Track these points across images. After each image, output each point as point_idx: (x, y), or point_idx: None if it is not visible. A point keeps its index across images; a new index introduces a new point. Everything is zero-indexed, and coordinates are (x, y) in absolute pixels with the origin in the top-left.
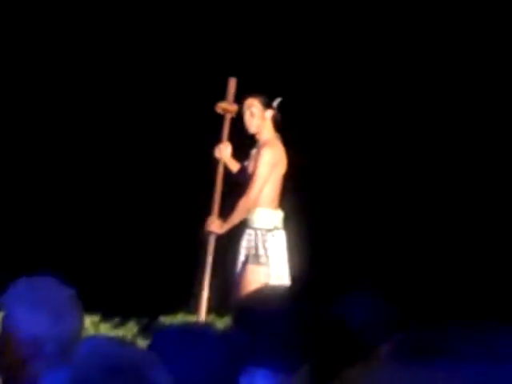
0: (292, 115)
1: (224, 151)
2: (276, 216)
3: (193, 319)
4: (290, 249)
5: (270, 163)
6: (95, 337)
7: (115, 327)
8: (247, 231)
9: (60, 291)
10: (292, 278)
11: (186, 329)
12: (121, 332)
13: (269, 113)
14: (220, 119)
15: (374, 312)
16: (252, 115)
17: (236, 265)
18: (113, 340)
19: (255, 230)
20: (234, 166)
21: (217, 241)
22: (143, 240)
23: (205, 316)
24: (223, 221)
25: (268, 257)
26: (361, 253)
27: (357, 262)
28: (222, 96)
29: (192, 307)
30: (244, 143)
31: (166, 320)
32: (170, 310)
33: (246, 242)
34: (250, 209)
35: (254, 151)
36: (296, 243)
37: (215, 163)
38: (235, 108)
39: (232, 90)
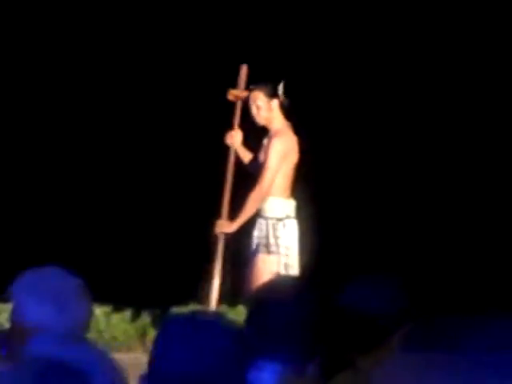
0: (303, 103)
1: (235, 137)
2: (288, 205)
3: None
4: (302, 238)
5: (281, 153)
6: (46, 335)
7: (127, 318)
8: (259, 220)
9: (66, 281)
10: (303, 267)
11: (196, 316)
12: (133, 323)
13: (275, 102)
14: (231, 107)
15: (388, 299)
16: (258, 108)
17: (248, 254)
18: (67, 339)
19: (266, 220)
20: (245, 154)
21: None
22: (156, 232)
23: (216, 306)
24: (233, 219)
25: (278, 246)
26: (371, 241)
27: (367, 251)
28: (233, 83)
29: (203, 298)
30: (256, 131)
31: (178, 311)
32: (182, 301)
33: (258, 232)
34: (261, 201)
35: (265, 141)
36: (307, 232)
37: (226, 151)
38: (246, 94)
39: (243, 77)
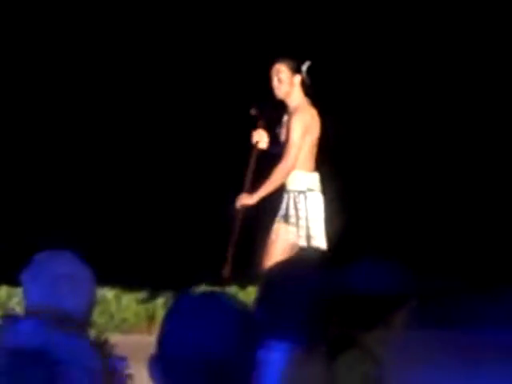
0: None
1: (262, 137)
2: (310, 178)
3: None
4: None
5: (302, 129)
6: (28, 322)
7: (138, 300)
8: (283, 194)
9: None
10: (329, 239)
11: (206, 296)
12: (144, 305)
13: (297, 78)
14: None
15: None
16: (280, 81)
17: (269, 229)
18: (50, 327)
19: (288, 193)
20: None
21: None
22: (170, 213)
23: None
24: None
25: (299, 218)
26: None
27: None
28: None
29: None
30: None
31: (189, 292)
32: (194, 284)
33: (283, 204)
34: (286, 176)
35: (285, 118)
36: (332, 205)
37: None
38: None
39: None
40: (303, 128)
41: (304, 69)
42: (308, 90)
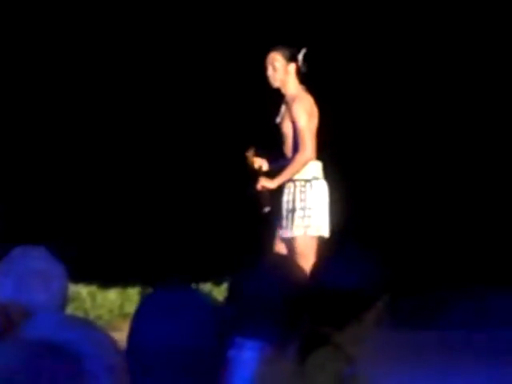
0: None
1: (262, 162)
2: (314, 166)
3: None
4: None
5: (306, 116)
6: (42, 317)
7: (113, 297)
8: (287, 185)
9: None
10: (332, 227)
11: (177, 292)
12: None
13: (292, 66)
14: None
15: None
16: (275, 69)
17: (277, 219)
18: (64, 321)
19: (294, 182)
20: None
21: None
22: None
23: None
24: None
25: (305, 208)
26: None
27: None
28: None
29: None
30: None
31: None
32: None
33: (286, 196)
34: (307, 163)
35: (284, 108)
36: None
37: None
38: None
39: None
40: (307, 114)
41: (300, 56)
42: (304, 78)
